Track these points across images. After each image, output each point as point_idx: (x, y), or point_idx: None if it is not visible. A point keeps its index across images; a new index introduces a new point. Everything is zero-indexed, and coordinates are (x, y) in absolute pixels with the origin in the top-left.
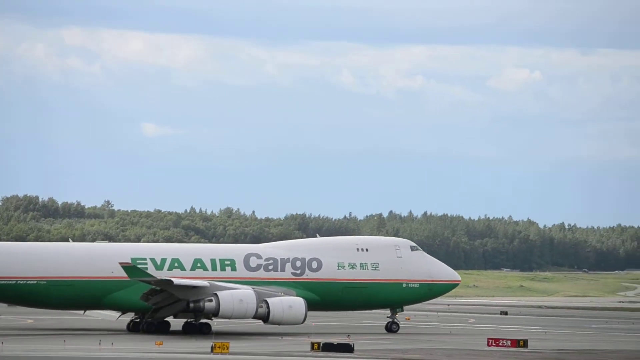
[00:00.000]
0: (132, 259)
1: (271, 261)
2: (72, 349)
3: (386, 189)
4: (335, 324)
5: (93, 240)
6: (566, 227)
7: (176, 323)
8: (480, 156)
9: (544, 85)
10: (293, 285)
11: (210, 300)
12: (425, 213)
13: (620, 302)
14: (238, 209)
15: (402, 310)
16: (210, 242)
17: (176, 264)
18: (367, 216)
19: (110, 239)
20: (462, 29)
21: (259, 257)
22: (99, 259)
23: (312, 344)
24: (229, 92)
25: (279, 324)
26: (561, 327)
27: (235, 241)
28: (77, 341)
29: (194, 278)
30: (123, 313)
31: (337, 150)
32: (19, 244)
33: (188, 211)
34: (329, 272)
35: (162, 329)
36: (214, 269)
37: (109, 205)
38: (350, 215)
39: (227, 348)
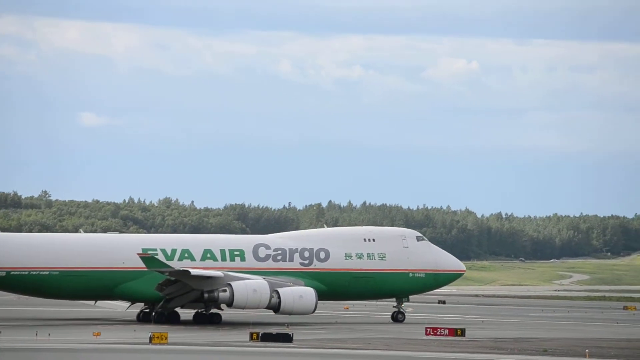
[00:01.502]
0: (143, 249)
1: (280, 251)
2: (7, 340)
3: (325, 179)
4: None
5: (30, 231)
6: (503, 216)
7: (184, 314)
8: (419, 146)
9: (480, 75)
10: (301, 276)
11: (225, 291)
12: (364, 203)
13: (556, 290)
14: (177, 199)
15: (409, 300)
16: (149, 232)
17: (186, 255)
18: (306, 206)
19: (47, 229)
20: (399, 19)
21: (267, 247)
22: (110, 249)
23: (251, 334)
24: (167, 82)
25: (290, 313)
26: (498, 316)
27: (174, 231)
28: (13, 332)
29: (205, 268)
30: (133, 303)
31: (276, 140)
32: (32, 235)
33: (127, 201)
34: (337, 262)
35: (173, 320)
36: (223, 259)
37: (47, 196)
38: (289, 205)
39: (166, 338)
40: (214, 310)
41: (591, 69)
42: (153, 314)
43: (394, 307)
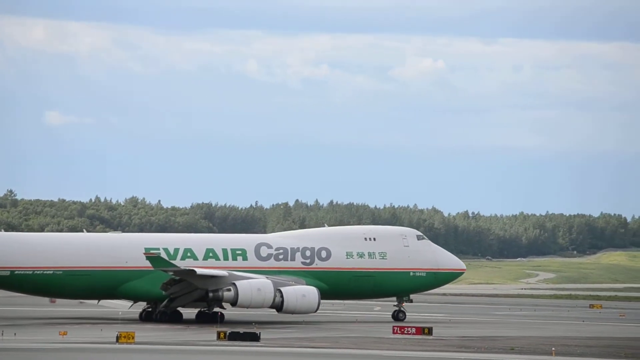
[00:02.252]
0: (146, 248)
1: (281, 251)
2: None
3: (292, 177)
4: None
5: None
6: (470, 215)
7: (186, 313)
8: (385, 145)
9: (446, 73)
10: (303, 275)
11: (229, 290)
12: (331, 202)
13: (522, 289)
14: (144, 198)
15: (409, 300)
16: (115, 231)
17: (189, 254)
18: (273, 205)
19: (13, 228)
20: (366, 19)
21: (269, 246)
22: (113, 249)
23: (219, 333)
24: (133, 81)
25: (293, 312)
26: (465, 315)
27: (141, 230)
28: None
29: (208, 268)
30: (135, 302)
31: (243, 139)
32: (35, 234)
33: (93, 200)
34: (338, 262)
35: (175, 319)
36: (225, 258)
37: (12, 195)
38: (256, 204)
39: (133, 338)
40: (216, 309)
41: (555, 67)
42: (156, 313)
43: (394, 306)
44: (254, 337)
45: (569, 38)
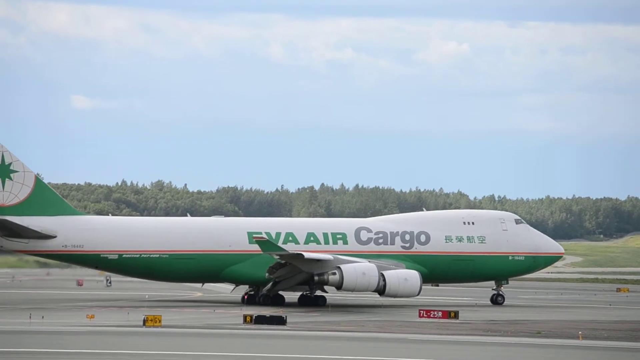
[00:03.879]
0: (248, 232)
1: (381, 235)
2: (0, 323)
3: (317, 161)
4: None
5: None
6: (496, 199)
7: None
8: (410, 129)
9: (471, 57)
10: (402, 258)
11: (334, 274)
12: (357, 186)
13: (549, 272)
14: (170, 182)
15: (507, 283)
16: (141, 215)
17: (290, 238)
18: (299, 189)
19: None
20: (390, 2)
21: (369, 230)
22: (217, 233)
23: (245, 317)
24: (158, 65)
25: (395, 296)
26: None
27: (167, 214)
28: (8, 315)
29: (310, 251)
30: (237, 286)
31: (268, 123)
32: (143, 218)
33: (119, 184)
34: (437, 245)
35: (278, 302)
36: (326, 242)
37: (40, 178)
38: (282, 188)
39: (160, 321)
40: (318, 293)
41: (582, 51)
42: (259, 296)
43: (493, 289)
44: (281, 321)
45: (595, 21)
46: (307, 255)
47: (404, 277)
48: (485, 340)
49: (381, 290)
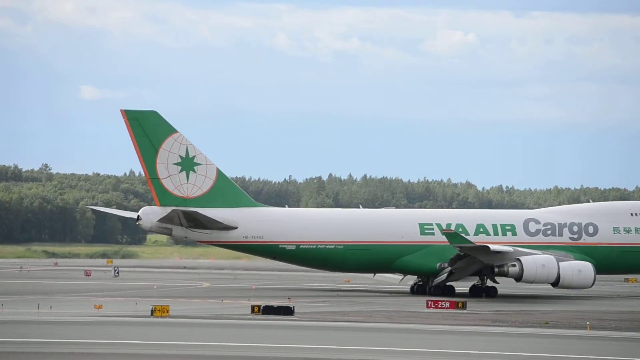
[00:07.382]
0: (419, 224)
1: (549, 226)
2: (9, 313)
3: (325, 152)
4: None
5: (31, 204)
6: (504, 189)
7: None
8: (418, 119)
9: (477, 47)
10: (570, 250)
11: (514, 265)
12: (364, 176)
13: None
14: None
15: None
16: (149, 204)
17: (460, 229)
18: (306, 179)
19: (48, 202)
20: None
21: (537, 222)
22: (389, 225)
23: (253, 307)
24: (164, 55)
25: (568, 287)
26: (500, 289)
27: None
28: (16, 305)
29: (481, 243)
30: (405, 276)
31: (275, 113)
32: (318, 210)
33: (127, 174)
34: (605, 237)
35: (448, 292)
36: (495, 234)
37: (47, 169)
38: (290, 178)
39: (167, 311)
40: (489, 284)
41: (588, 40)
42: (430, 286)
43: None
44: (288, 311)
45: (601, 11)
46: (492, 247)
47: (578, 268)
48: (493, 330)
49: (555, 282)
